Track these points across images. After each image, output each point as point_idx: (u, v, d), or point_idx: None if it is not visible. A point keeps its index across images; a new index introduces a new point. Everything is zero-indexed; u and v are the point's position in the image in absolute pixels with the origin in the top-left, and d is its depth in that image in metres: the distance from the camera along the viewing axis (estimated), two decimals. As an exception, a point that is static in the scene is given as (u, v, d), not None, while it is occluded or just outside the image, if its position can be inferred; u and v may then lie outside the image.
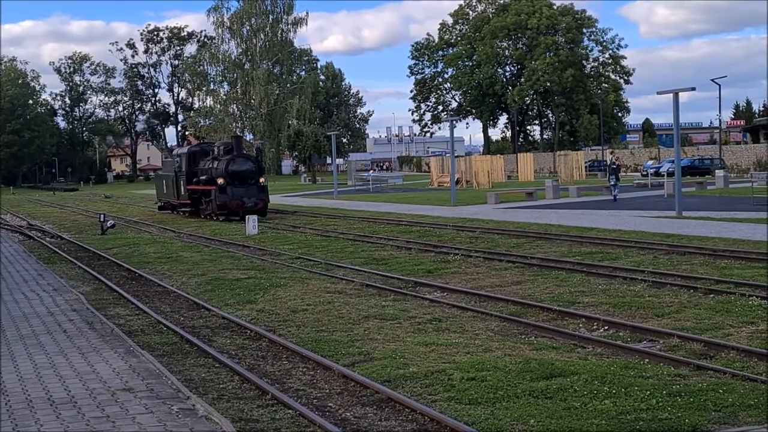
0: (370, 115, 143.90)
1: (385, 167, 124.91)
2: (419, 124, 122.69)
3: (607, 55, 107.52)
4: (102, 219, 32.13)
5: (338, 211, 38.81)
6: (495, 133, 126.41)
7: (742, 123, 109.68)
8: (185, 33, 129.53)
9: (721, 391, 8.14)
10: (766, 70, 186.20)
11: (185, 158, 39.13)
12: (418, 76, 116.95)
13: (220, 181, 34.90)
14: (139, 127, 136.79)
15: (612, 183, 38.73)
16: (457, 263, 18.84)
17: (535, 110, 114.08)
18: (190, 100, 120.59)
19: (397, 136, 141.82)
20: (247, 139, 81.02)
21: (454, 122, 56.16)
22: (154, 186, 48.95)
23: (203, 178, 36.91)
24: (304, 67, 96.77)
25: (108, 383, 8.71)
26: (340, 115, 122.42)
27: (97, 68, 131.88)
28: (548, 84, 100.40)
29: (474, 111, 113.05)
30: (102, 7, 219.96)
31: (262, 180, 36.28)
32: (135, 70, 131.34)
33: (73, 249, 26.26)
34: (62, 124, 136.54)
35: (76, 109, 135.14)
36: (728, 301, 12.73)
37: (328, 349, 10.72)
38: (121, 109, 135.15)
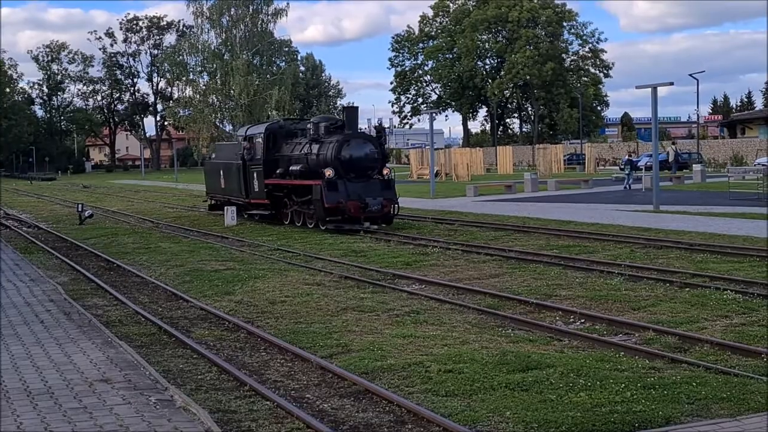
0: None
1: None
2: (399, 116, 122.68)
3: (587, 49, 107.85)
4: (80, 209, 31.96)
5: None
6: (474, 126, 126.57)
7: (719, 118, 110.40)
8: (165, 22, 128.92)
9: (694, 384, 8.23)
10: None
11: (262, 140, 28.77)
12: (399, 69, 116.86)
13: (329, 173, 24.79)
14: (118, 116, 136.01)
15: (627, 173, 40.85)
16: (435, 256, 18.90)
17: (514, 103, 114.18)
18: (170, 90, 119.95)
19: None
20: (227, 130, 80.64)
21: (434, 114, 56.21)
22: (204, 178, 36.68)
23: (296, 168, 26.48)
24: (284, 58, 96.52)
25: (85, 374, 8.70)
26: (320, 107, 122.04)
27: (75, 57, 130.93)
28: (528, 77, 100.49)
29: (454, 103, 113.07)
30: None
31: (386, 171, 26.27)
32: (114, 59, 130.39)
33: (50, 239, 26.13)
34: (40, 113, 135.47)
35: (54, 98, 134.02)
36: (703, 295, 12.85)
37: (306, 341, 10.75)
38: (99, 98, 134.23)
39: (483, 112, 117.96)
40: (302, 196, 26.40)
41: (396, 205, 25.63)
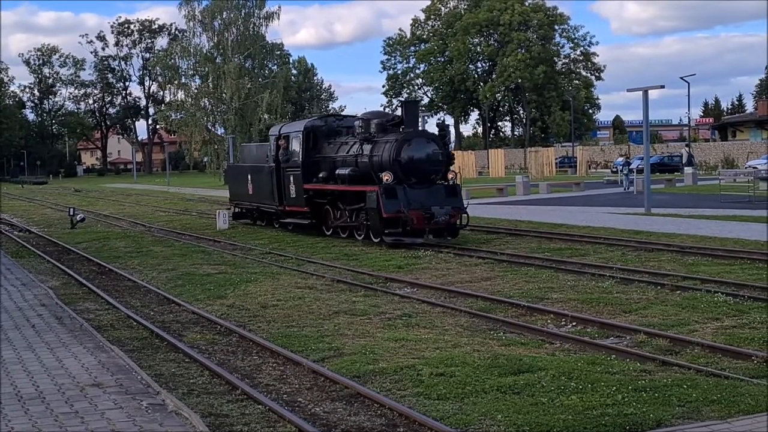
0: (342, 110, 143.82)
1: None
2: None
3: (578, 52, 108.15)
4: (72, 213, 31.91)
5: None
6: (466, 129, 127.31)
7: (710, 121, 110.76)
8: (156, 26, 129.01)
9: (685, 386, 8.25)
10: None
11: (300, 139, 25.28)
12: (390, 72, 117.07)
13: (387, 177, 21.39)
14: (110, 120, 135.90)
15: (625, 173, 42.52)
16: (427, 259, 18.92)
17: (506, 106, 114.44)
18: (161, 93, 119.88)
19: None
20: (219, 133, 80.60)
21: (426, 118, 56.13)
22: (227, 184, 33.34)
23: (344, 172, 23.12)
24: (276, 62, 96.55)
25: (77, 378, 8.69)
26: (311, 110, 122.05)
27: (67, 60, 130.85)
28: (520, 80, 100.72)
29: (446, 107, 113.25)
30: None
31: (451, 175, 22.66)
32: (105, 62, 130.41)
33: (42, 243, 26.06)
34: (31, 117, 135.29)
35: (46, 102, 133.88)
36: (694, 298, 12.89)
37: (298, 345, 10.75)
38: (91, 102, 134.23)
39: (475, 115, 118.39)
40: (352, 203, 23.10)
41: (465, 215, 22.17)
